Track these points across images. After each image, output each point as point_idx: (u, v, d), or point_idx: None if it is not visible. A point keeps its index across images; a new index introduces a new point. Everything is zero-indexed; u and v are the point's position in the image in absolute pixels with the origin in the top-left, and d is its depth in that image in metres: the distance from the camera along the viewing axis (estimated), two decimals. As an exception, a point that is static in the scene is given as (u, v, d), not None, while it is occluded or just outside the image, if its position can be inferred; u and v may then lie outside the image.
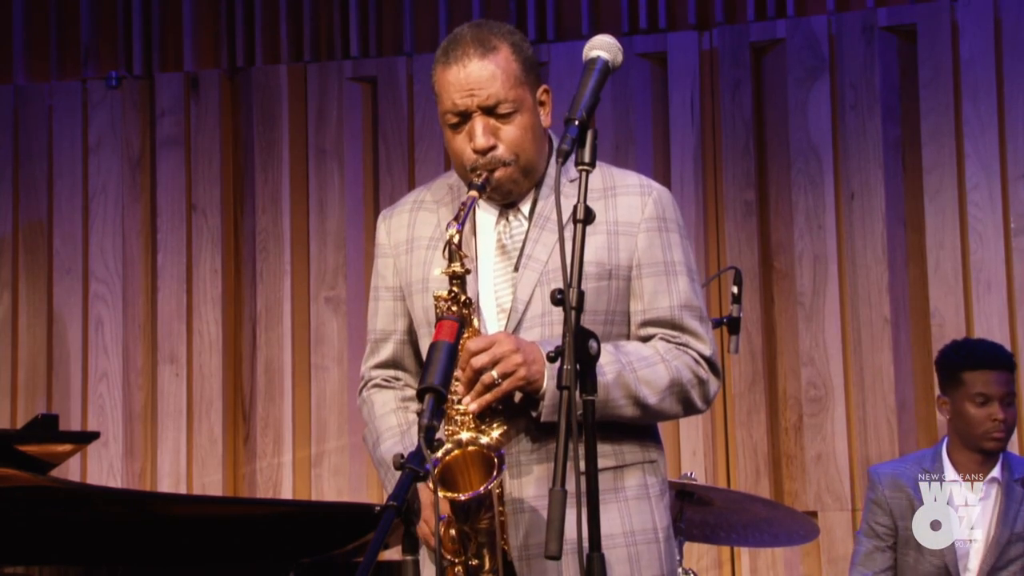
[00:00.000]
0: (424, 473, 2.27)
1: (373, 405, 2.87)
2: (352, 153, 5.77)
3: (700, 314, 2.77)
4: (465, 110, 2.71)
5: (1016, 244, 5.19)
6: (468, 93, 2.70)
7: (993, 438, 4.13)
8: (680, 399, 2.73)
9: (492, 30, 2.78)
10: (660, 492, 2.78)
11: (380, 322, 2.90)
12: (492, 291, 2.75)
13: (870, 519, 4.26)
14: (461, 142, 2.73)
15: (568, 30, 5.68)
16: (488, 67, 2.71)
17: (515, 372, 2.59)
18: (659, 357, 2.71)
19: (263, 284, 5.79)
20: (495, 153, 2.70)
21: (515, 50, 2.75)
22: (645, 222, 2.75)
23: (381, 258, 2.90)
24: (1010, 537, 4.12)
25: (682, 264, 2.77)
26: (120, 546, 3.89)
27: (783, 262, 5.41)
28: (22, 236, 5.94)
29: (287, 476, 5.68)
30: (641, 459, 2.75)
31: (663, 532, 2.75)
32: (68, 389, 5.83)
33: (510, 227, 2.78)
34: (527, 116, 2.73)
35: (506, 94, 2.70)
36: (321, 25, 5.91)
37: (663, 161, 5.53)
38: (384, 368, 2.90)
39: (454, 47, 2.76)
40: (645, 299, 2.75)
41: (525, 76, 2.74)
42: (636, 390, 2.66)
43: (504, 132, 2.71)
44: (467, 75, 2.71)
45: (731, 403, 5.38)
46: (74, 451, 4.06)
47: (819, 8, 5.46)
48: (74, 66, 6.01)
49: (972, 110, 5.25)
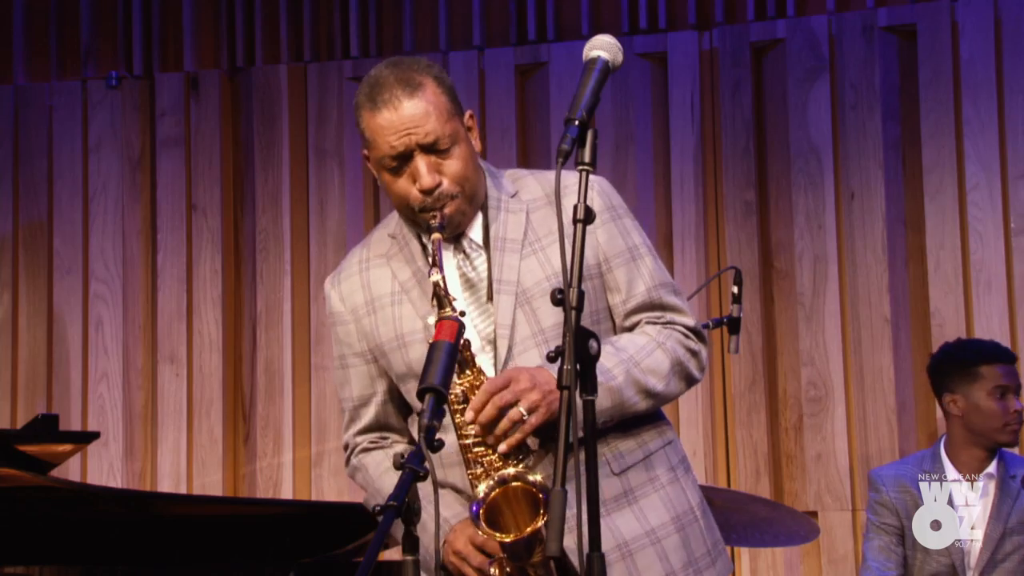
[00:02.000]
0: (424, 473, 2.26)
1: (367, 468, 2.86)
2: (352, 153, 5.76)
3: (673, 288, 2.82)
4: (405, 150, 2.67)
5: (1016, 244, 5.19)
6: (405, 133, 2.66)
7: (1011, 431, 4.18)
8: (682, 376, 2.77)
9: (412, 67, 2.71)
10: (685, 470, 2.83)
11: (356, 389, 2.86)
12: (471, 326, 2.71)
13: (877, 520, 4.27)
14: (403, 186, 2.69)
15: (568, 30, 5.68)
16: (419, 105, 2.66)
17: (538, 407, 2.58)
18: (655, 343, 2.74)
19: (263, 284, 5.79)
20: (441, 189, 2.68)
21: (439, 83, 2.71)
22: (597, 215, 2.73)
23: (340, 326, 2.86)
24: (1004, 532, 4.14)
25: (642, 245, 2.81)
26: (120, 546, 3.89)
27: (783, 262, 5.41)
28: (22, 236, 5.94)
29: (287, 476, 5.68)
30: (662, 443, 2.80)
31: (699, 508, 2.81)
32: (68, 389, 5.83)
33: (469, 258, 2.77)
34: (463, 146, 2.71)
35: (442, 128, 2.67)
36: (321, 25, 5.92)
37: (663, 161, 5.53)
38: (368, 432, 2.88)
39: (379, 91, 2.68)
40: (623, 290, 2.78)
41: (453, 107, 2.72)
42: (645, 382, 2.70)
43: (446, 167, 2.69)
44: (400, 116, 2.66)
45: (731, 403, 5.38)
46: (74, 451, 4.06)
47: (819, 8, 5.46)
48: (74, 66, 6.01)
49: (972, 110, 5.25)
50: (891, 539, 4.24)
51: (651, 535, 2.72)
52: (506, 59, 5.66)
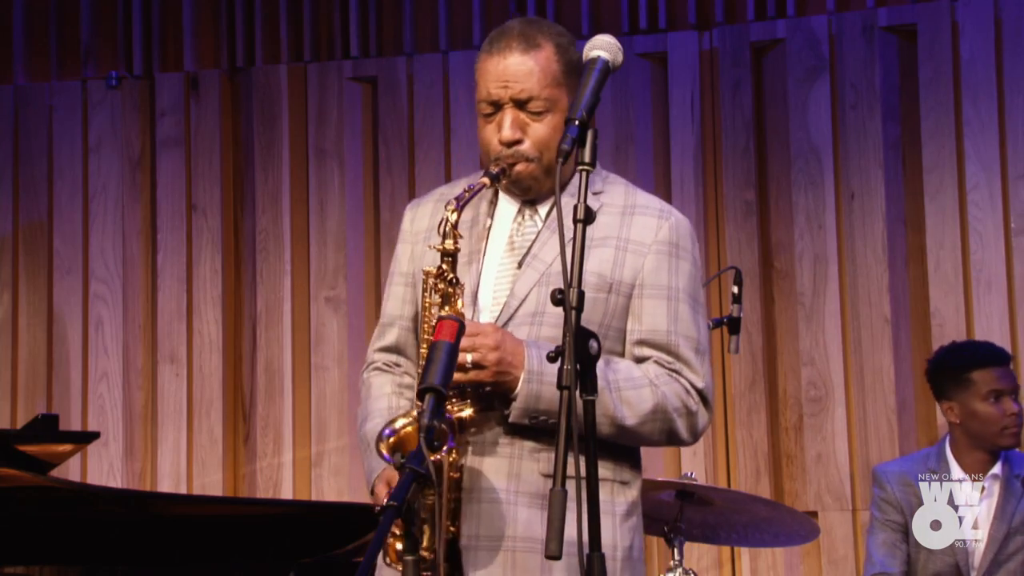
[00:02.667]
0: (424, 473, 2.27)
1: (370, 387, 2.89)
2: (352, 153, 5.77)
3: (697, 346, 2.73)
4: (498, 100, 2.72)
5: (1016, 244, 5.19)
6: (503, 84, 2.71)
7: (1011, 433, 4.15)
8: (663, 426, 2.69)
9: (541, 28, 2.78)
10: (626, 512, 2.73)
11: (390, 307, 2.91)
12: (492, 283, 2.75)
13: (882, 517, 4.25)
14: (490, 132, 2.74)
15: (568, 30, 5.65)
16: (527, 63, 2.72)
17: (487, 366, 2.59)
18: (647, 380, 2.69)
19: (263, 284, 5.79)
20: (520, 148, 2.71)
21: (559, 51, 2.76)
22: (656, 244, 2.74)
23: (401, 244, 2.93)
24: (1008, 532, 4.13)
25: (687, 293, 2.75)
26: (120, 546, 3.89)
27: (783, 262, 5.41)
28: (22, 236, 5.94)
29: (287, 476, 5.68)
30: (611, 477, 2.71)
31: (621, 551, 2.69)
32: (68, 389, 5.83)
33: (523, 226, 2.79)
34: (559, 117, 2.71)
35: (540, 91, 2.71)
36: (321, 25, 5.91)
37: (663, 161, 5.53)
38: (387, 352, 2.91)
39: (499, 38, 2.76)
40: (644, 320, 2.73)
41: (565, 78, 2.74)
42: (614, 410, 2.64)
43: (532, 129, 2.72)
44: (505, 67, 2.72)
45: (731, 403, 5.38)
46: (74, 451, 4.06)
47: (819, 8, 5.46)
48: (74, 66, 6.01)
49: (972, 110, 5.25)
50: (896, 536, 4.23)
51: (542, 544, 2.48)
52: (506, 59, 5.65)
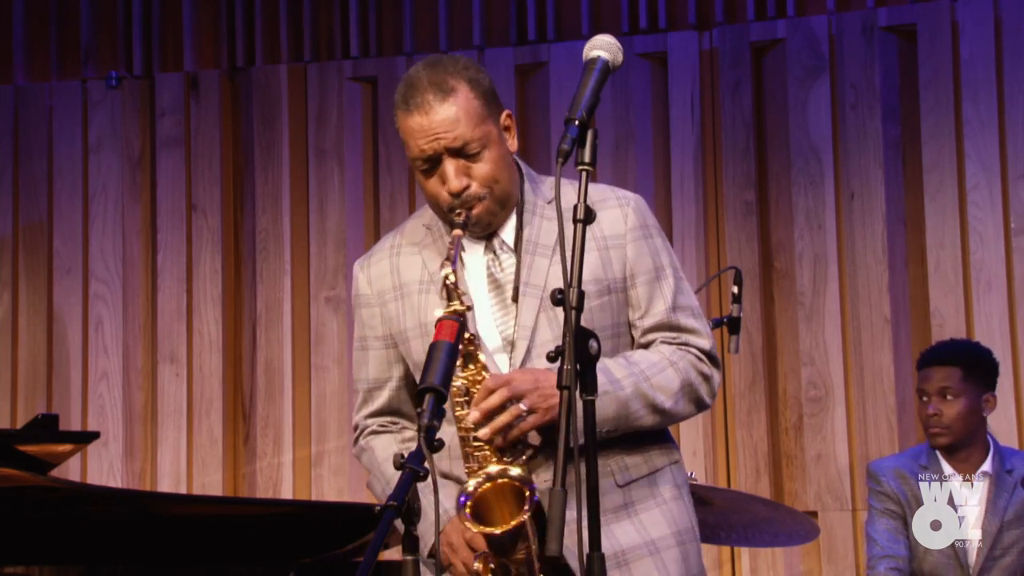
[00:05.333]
0: (424, 473, 2.26)
1: (374, 451, 2.88)
2: (352, 153, 5.77)
3: (692, 311, 2.82)
4: (433, 154, 2.69)
5: (1016, 244, 5.19)
6: (433, 138, 2.68)
7: (932, 433, 4.24)
8: (692, 398, 2.78)
9: (447, 70, 2.72)
10: (688, 492, 2.85)
11: (372, 371, 2.89)
12: (493, 325, 2.75)
13: (881, 507, 4.29)
14: (434, 185, 2.72)
15: (568, 30, 5.68)
16: (450, 110, 2.68)
17: (538, 408, 2.60)
18: (667, 361, 2.75)
19: (263, 284, 5.79)
20: (469, 192, 2.70)
21: (472, 86, 2.72)
22: (630, 232, 2.78)
23: (365, 308, 2.89)
24: (1001, 526, 4.16)
25: (668, 267, 2.81)
26: (120, 546, 3.89)
27: (783, 262, 5.41)
28: (22, 236, 5.94)
29: (287, 476, 5.68)
30: (668, 462, 2.82)
31: (696, 531, 2.84)
32: (68, 389, 5.83)
33: (498, 259, 2.78)
34: (495, 149, 2.72)
35: (471, 133, 2.69)
36: (321, 25, 5.91)
37: (663, 161, 5.53)
38: (379, 416, 2.90)
39: (412, 94, 2.70)
40: (642, 307, 2.78)
41: (487, 110, 2.73)
42: (653, 398, 2.71)
43: (475, 169, 2.70)
44: (429, 121, 2.68)
45: (731, 403, 5.38)
46: (74, 451, 4.06)
47: (819, 8, 5.46)
48: (74, 66, 6.01)
49: (972, 110, 5.25)
50: (897, 522, 4.27)
51: (650, 546, 2.73)
52: (506, 59, 5.66)
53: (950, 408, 4.22)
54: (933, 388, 4.25)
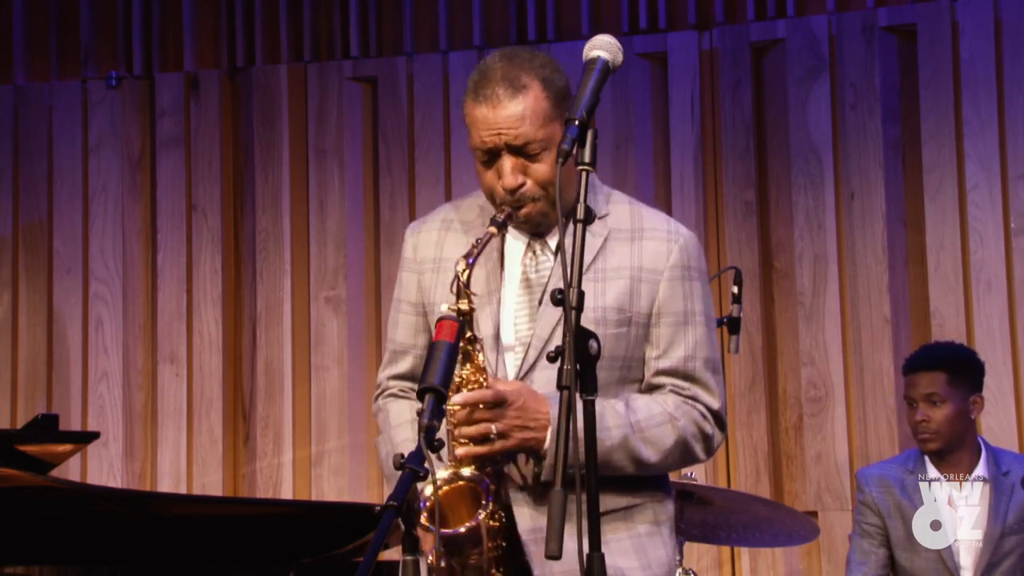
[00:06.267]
0: (424, 473, 2.27)
1: (388, 414, 2.87)
2: (352, 153, 5.77)
3: (713, 365, 2.77)
4: (493, 147, 2.68)
5: (1016, 244, 5.19)
6: (496, 133, 2.66)
7: (921, 439, 4.23)
8: (683, 455, 2.75)
9: (523, 66, 2.69)
10: (670, 530, 2.81)
11: (400, 334, 2.89)
12: (512, 324, 2.74)
13: (861, 520, 4.31)
14: (491, 178, 2.71)
15: (568, 30, 5.68)
16: (517, 108, 2.65)
17: (511, 435, 2.59)
18: (668, 416, 2.71)
19: (263, 284, 5.79)
20: (523, 191, 2.68)
21: (545, 86, 2.69)
22: (669, 270, 2.74)
23: (406, 272, 2.89)
24: (1003, 531, 4.15)
25: (701, 314, 2.76)
26: (120, 546, 3.89)
27: (783, 262, 5.41)
28: (22, 236, 5.94)
29: (287, 476, 5.68)
30: (650, 499, 2.78)
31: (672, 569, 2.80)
32: (68, 389, 5.82)
33: (536, 260, 2.77)
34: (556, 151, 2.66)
35: (534, 134, 2.66)
36: (321, 25, 5.91)
37: (663, 161, 5.53)
38: (401, 380, 2.90)
39: (484, 84, 2.68)
40: (660, 347, 2.74)
41: (555, 111, 2.68)
42: (639, 452, 2.68)
43: (533, 170, 2.68)
44: (496, 116, 2.66)
45: (731, 403, 5.38)
46: (74, 451, 4.06)
47: (819, 8, 5.46)
48: (74, 66, 6.01)
49: (972, 110, 5.25)
50: (872, 541, 4.28)
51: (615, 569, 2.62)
52: (506, 59, 5.65)
53: (938, 413, 4.20)
54: (919, 394, 4.24)
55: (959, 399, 4.23)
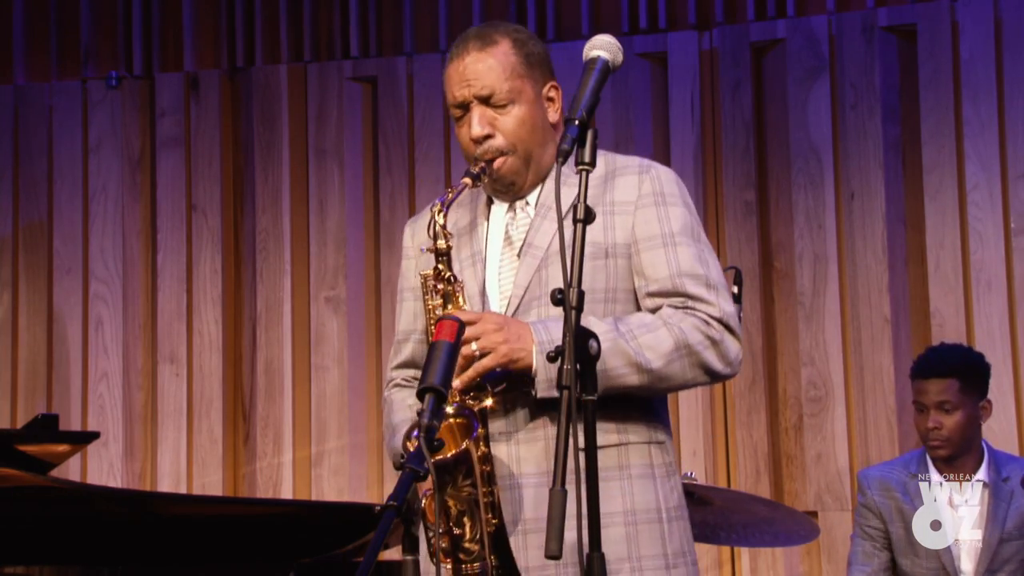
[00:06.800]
0: (424, 473, 2.27)
1: (392, 403, 2.90)
2: (352, 153, 5.77)
3: (706, 280, 2.72)
4: (463, 101, 2.78)
5: (1016, 244, 5.19)
6: (465, 84, 2.78)
7: (933, 446, 4.17)
8: (693, 362, 2.68)
9: (496, 26, 2.85)
10: (667, 473, 2.76)
11: (402, 323, 2.94)
12: (496, 279, 2.79)
13: (862, 522, 4.29)
14: (464, 133, 2.80)
15: (568, 30, 5.68)
16: (485, 60, 2.78)
17: (496, 349, 2.60)
18: (661, 322, 2.67)
19: (263, 284, 5.79)
20: (492, 142, 2.77)
21: (515, 44, 2.81)
22: (641, 198, 2.76)
23: (405, 260, 2.96)
24: (1002, 536, 4.12)
25: (682, 235, 2.74)
26: (120, 546, 3.89)
27: (783, 262, 5.41)
28: (22, 236, 5.94)
29: (287, 476, 5.68)
30: (647, 439, 2.75)
31: (668, 512, 2.72)
32: (68, 389, 5.83)
33: (516, 219, 2.83)
34: (525, 108, 2.79)
35: (500, 84, 2.77)
36: (321, 25, 5.92)
37: (663, 161, 5.43)
38: (404, 368, 2.93)
39: (458, 44, 2.83)
40: (646, 273, 2.74)
41: (526, 69, 2.81)
42: (637, 356, 2.62)
43: (501, 122, 2.77)
44: (464, 67, 2.78)
45: (731, 403, 5.38)
46: (74, 451, 4.06)
47: (819, 8, 5.46)
48: (74, 66, 6.01)
49: (972, 110, 5.25)
50: (873, 543, 4.26)
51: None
52: (506, 59, 5.66)
53: (950, 420, 4.14)
54: (931, 401, 4.17)
55: (971, 406, 4.18)
